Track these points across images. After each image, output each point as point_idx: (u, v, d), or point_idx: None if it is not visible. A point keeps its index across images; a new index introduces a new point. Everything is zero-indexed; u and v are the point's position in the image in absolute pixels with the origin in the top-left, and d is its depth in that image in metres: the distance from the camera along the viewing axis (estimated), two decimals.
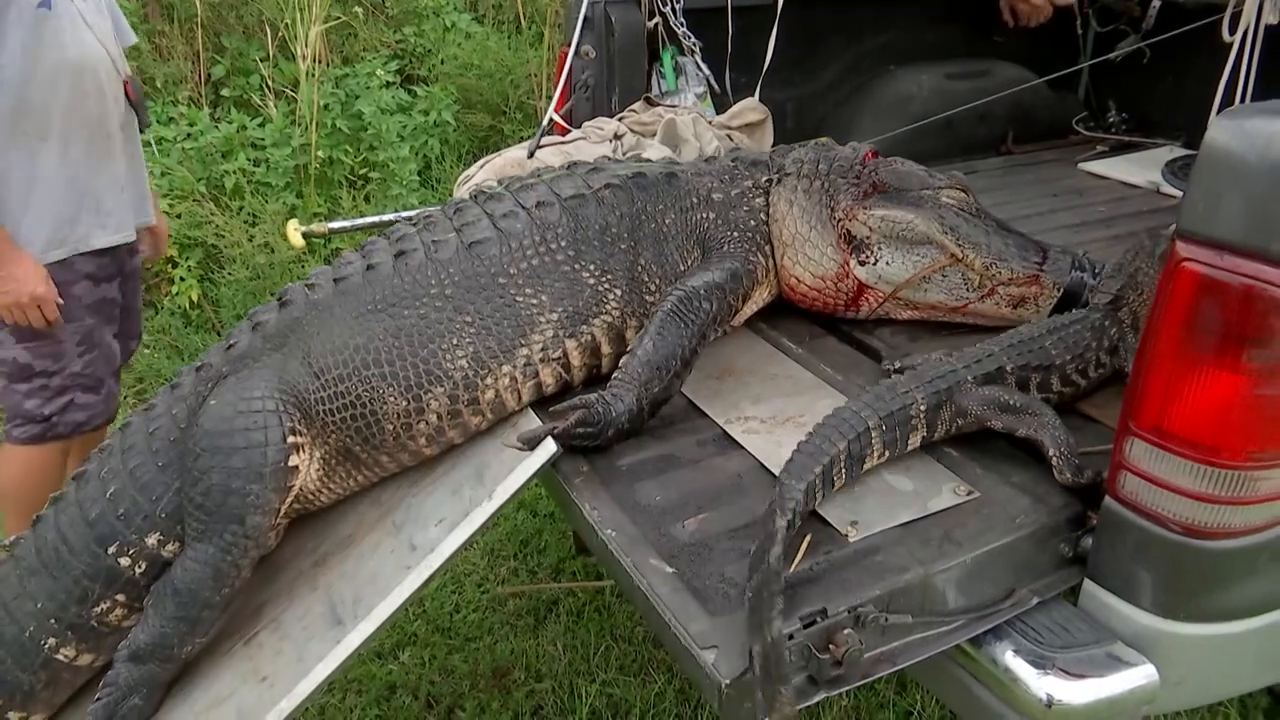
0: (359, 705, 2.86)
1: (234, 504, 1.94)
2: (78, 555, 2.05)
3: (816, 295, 2.35)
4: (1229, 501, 1.47)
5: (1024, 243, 2.26)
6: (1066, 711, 1.51)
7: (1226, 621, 1.58)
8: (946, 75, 3.73)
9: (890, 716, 2.71)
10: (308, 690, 1.82)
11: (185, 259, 5.07)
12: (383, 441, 2.07)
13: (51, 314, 2.71)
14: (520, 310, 2.08)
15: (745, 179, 2.37)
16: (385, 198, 5.49)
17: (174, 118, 5.50)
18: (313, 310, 2.09)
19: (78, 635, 2.08)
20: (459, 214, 2.20)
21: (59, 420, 2.85)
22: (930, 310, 2.32)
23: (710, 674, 1.43)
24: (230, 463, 1.95)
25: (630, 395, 1.97)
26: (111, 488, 2.06)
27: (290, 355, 2.06)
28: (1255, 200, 1.36)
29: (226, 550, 1.96)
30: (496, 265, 2.09)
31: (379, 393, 2.03)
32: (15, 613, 2.07)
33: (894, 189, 2.29)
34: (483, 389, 2.06)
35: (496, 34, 6.82)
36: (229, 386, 2.04)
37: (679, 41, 3.37)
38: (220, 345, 2.15)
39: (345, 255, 2.20)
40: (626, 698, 2.81)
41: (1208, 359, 1.43)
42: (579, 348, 2.13)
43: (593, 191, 2.21)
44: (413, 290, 2.06)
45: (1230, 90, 1.88)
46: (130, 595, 2.08)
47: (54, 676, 2.11)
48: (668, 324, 2.06)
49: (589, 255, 2.15)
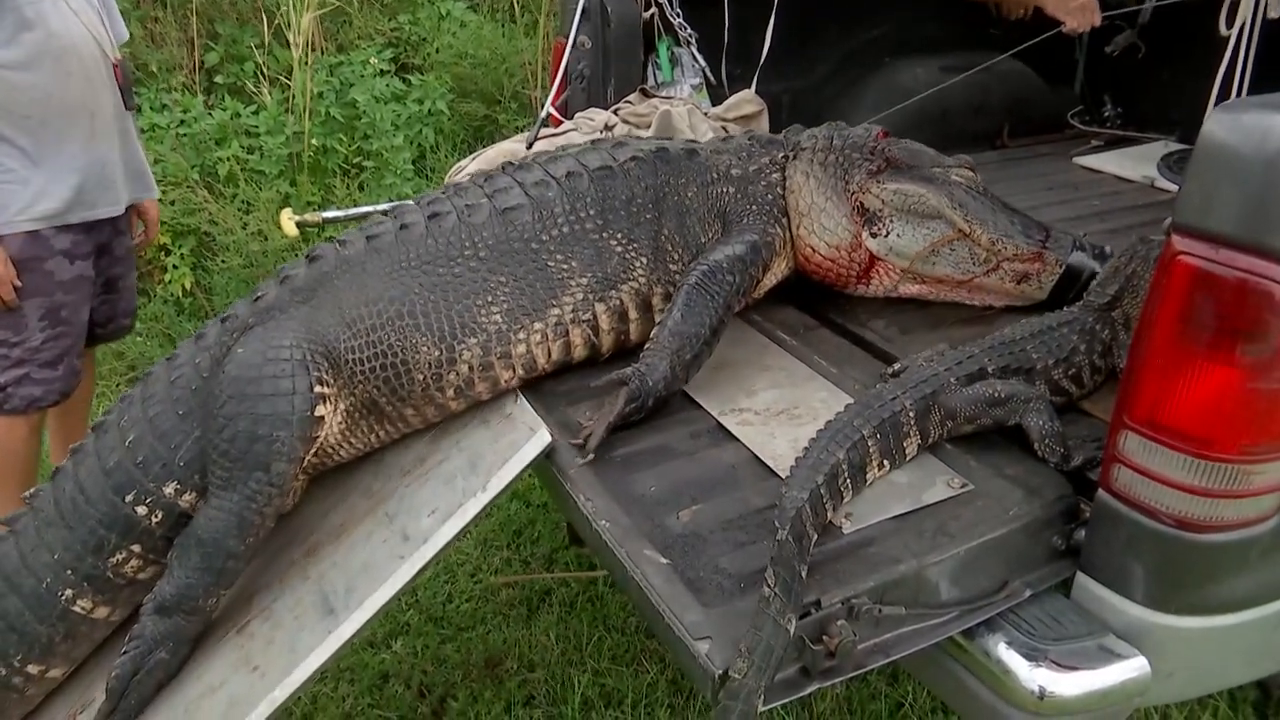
0: (351, 694, 2.86)
1: (260, 451, 1.95)
2: (95, 504, 2.05)
3: (830, 266, 2.40)
4: (1222, 495, 1.47)
5: (1028, 221, 2.34)
6: (1058, 703, 1.52)
7: (1218, 615, 1.59)
8: (942, 68, 3.72)
9: (882, 708, 2.72)
10: (300, 679, 1.82)
11: (178, 247, 5.05)
12: (410, 393, 2.10)
13: (8, 294, 2.73)
14: (552, 274, 2.15)
15: (762, 155, 2.44)
16: (379, 187, 5.47)
17: (167, 104, 5.47)
18: (343, 265, 2.13)
19: (94, 587, 2.08)
20: (489, 182, 2.26)
21: (13, 393, 2.86)
22: (937, 284, 2.38)
23: (703, 664, 1.44)
24: (257, 409, 1.96)
25: (664, 363, 2.04)
26: (130, 436, 2.07)
27: (319, 308, 2.09)
28: (1250, 194, 1.36)
29: (251, 499, 1.96)
30: (529, 231, 2.16)
31: (412, 342, 2.07)
32: (33, 565, 2.07)
33: (906, 165, 2.37)
34: (515, 342, 2.12)
35: (491, 23, 6.79)
36: (256, 336, 2.06)
37: (675, 33, 3.36)
38: (247, 298, 2.17)
39: (374, 218, 2.26)
40: (619, 687, 2.82)
41: (1201, 352, 1.43)
42: (608, 311, 2.20)
43: (619, 164, 2.29)
44: (446, 251, 2.12)
45: (1225, 84, 1.88)
46: (146, 546, 2.08)
47: (71, 629, 2.11)
48: (694, 295, 2.13)
49: (616, 224, 2.23)
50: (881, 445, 1.74)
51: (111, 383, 4.49)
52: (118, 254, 3.15)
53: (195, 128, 5.33)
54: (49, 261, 2.83)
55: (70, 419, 3.24)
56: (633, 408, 1.99)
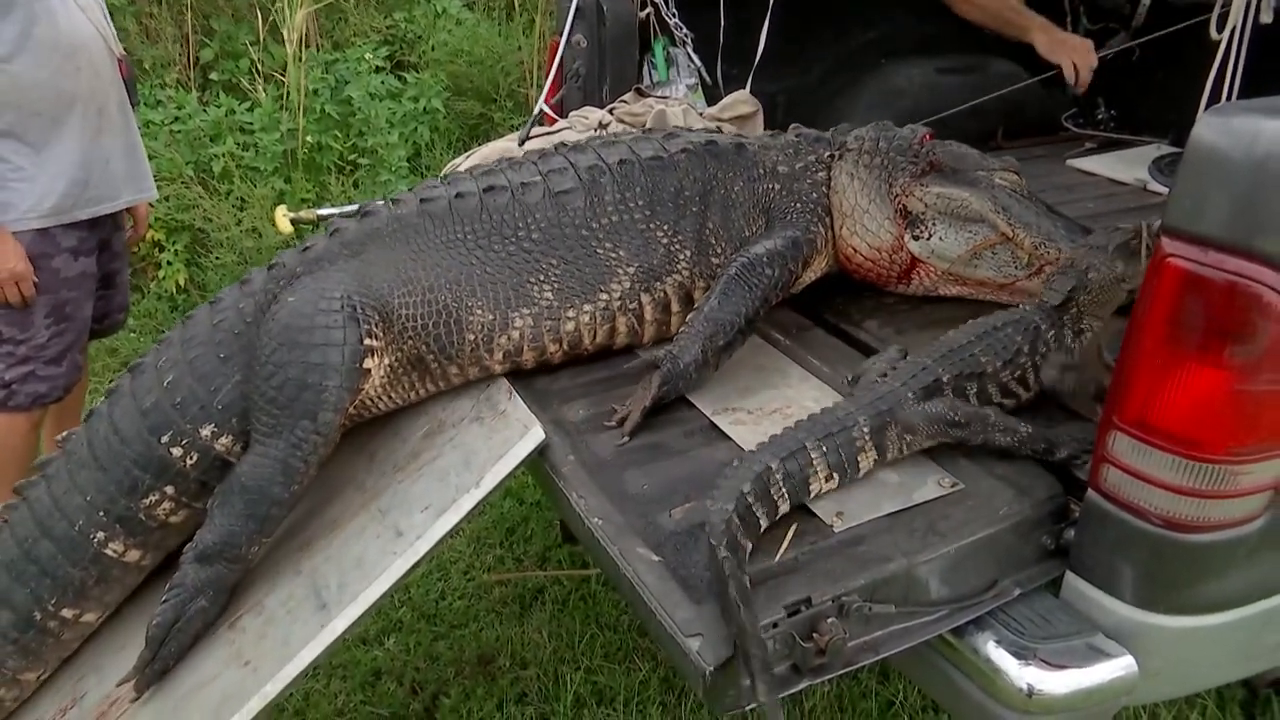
0: (344, 691, 2.86)
1: (309, 399, 1.96)
2: (130, 444, 2.05)
3: (871, 266, 2.42)
4: (1210, 495, 1.48)
5: (1071, 225, 2.33)
6: (1047, 701, 1.53)
7: (1205, 614, 1.60)
8: (937, 70, 3.73)
9: (872, 706, 2.73)
10: (292, 675, 1.82)
11: (172, 243, 5.05)
12: (459, 352, 2.14)
13: (28, 291, 2.74)
14: (600, 260, 2.20)
15: (809, 153, 2.45)
16: (374, 184, 5.47)
17: (161, 101, 5.46)
18: (396, 224, 2.16)
19: (126, 529, 2.08)
20: (544, 160, 2.29)
21: (19, 389, 2.85)
22: (978, 286, 2.38)
23: (695, 661, 1.44)
24: (308, 358, 1.97)
25: (696, 347, 2.07)
26: (169, 377, 2.07)
27: (371, 263, 2.11)
28: (1240, 197, 1.37)
29: (297, 446, 1.97)
30: (580, 218, 2.20)
31: (467, 305, 2.11)
32: (65, 507, 2.06)
33: (950, 168, 2.38)
34: (565, 320, 2.17)
35: (487, 20, 6.80)
36: (307, 285, 2.07)
37: (671, 32, 3.37)
38: (295, 249, 2.18)
39: (427, 181, 2.29)
40: (611, 685, 2.83)
41: (1191, 354, 1.44)
42: (652, 302, 2.24)
43: (669, 155, 2.31)
44: (499, 229, 2.16)
45: (1216, 88, 1.90)
46: (179, 489, 2.08)
47: (104, 573, 2.11)
48: (732, 286, 2.16)
49: (663, 216, 2.26)
50: (831, 460, 1.70)
51: (104, 378, 4.48)
52: (116, 249, 3.16)
53: (190, 124, 5.32)
54: (56, 259, 2.83)
55: (64, 415, 3.24)
56: (665, 390, 2.02)
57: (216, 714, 1.85)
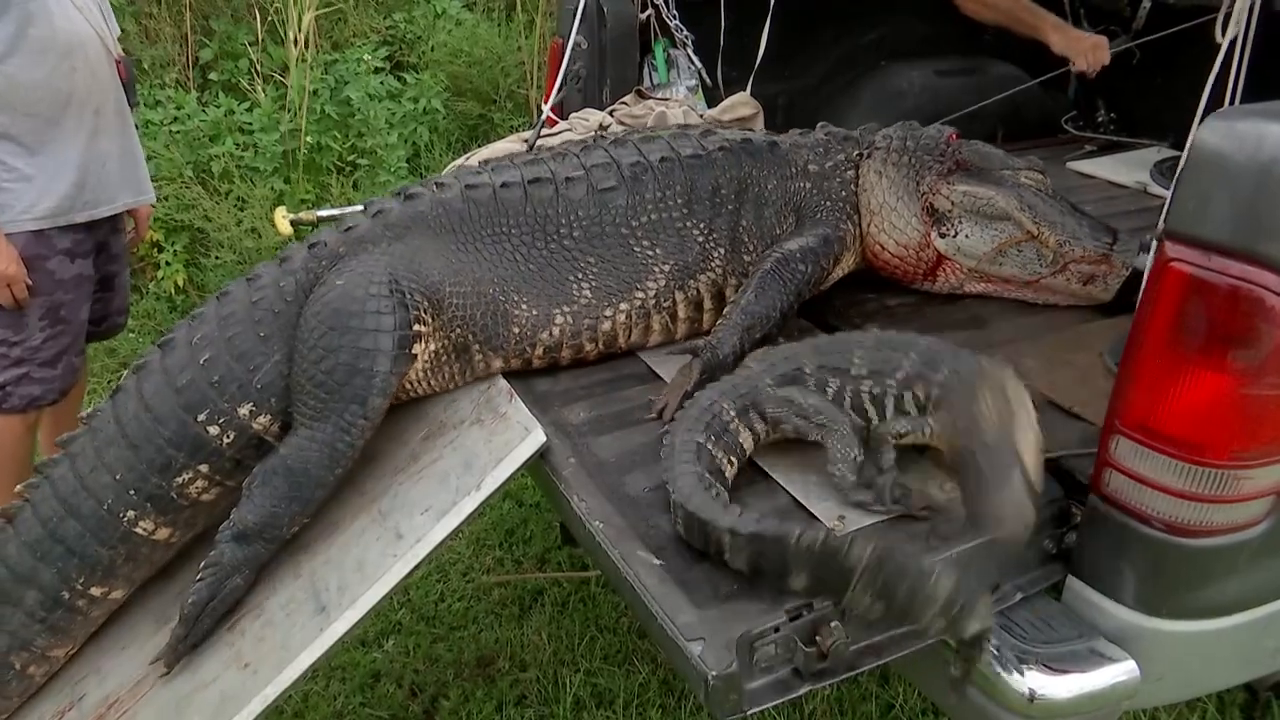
0: (343, 693, 2.86)
1: (359, 384, 1.96)
2: (164, 422, 2.03)
3: (898, 264, 2.45)
4: (1212, 500, 1.48)
5: (1096, 224, 2.38)
6: (1048, 706, 1.53)
7: (1207, 618, 1.60)
8: (937, 72, 3.73)
9: (873, 708, 2.73)
10: (292, 677, 1.81)
11: (171, 243, 5.04)
12: (503, 343, 2.16)
13: (21, 294, 2.72)
14: (638, 259, 2.23)
15: (838, 152, 2.49)
16: (373, 185, 5.47)
17: (161, 101, 5.45)
18: (441, 209, 2.16)
19: (157, 508, 2.06)
20: (586, 153, 2.30)
21: (13, 391, 2.84)
22: (1003, 283, 2.42)
23: (696, 665, 1.44)
24: (359, 342, 1.96)
25: (734, 338, 2.12)
26: (206, 354, 2.05)
27: (418, 247, 2.11)
28: (1243, 201, 1.37)
29: (345, 430, 1.97)
30: (620, 216, 2.23)
31: (513, 299, 2.14)
32: (92, 486, 2.04)
33: (976, 167, 2.42)
34: (601, 319, 2.21)
35: (487, 21, 6.80)
36: (353, 267, 2.06)
37: (671, 34, 3.37)
38: (336, 229, 2.17)
39: (471, 165, 2.30)
40: (611, 687, 2.82)
41: (1194, 358, 1.44)
42: (686, 300, 2.28)
43: (707, 153, 2.34)
44: (543, 224, 2.19)
45: (1215, 92, 1.89)
46: (214, 467, 2.07)
47: (133, 551, 2.09)
48: (767, 281, 2.21)
49: (700, 214, 2.29)
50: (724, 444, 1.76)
51: (103, 379, 4.48)
52: (114, 252, 3.14)
53: (189, 124, 5.31)
54: (51, 260, 2.82)
55: (62, 417, 3.23)
56: (705, 380, 2.04)
57: (216, 716, 1.84)
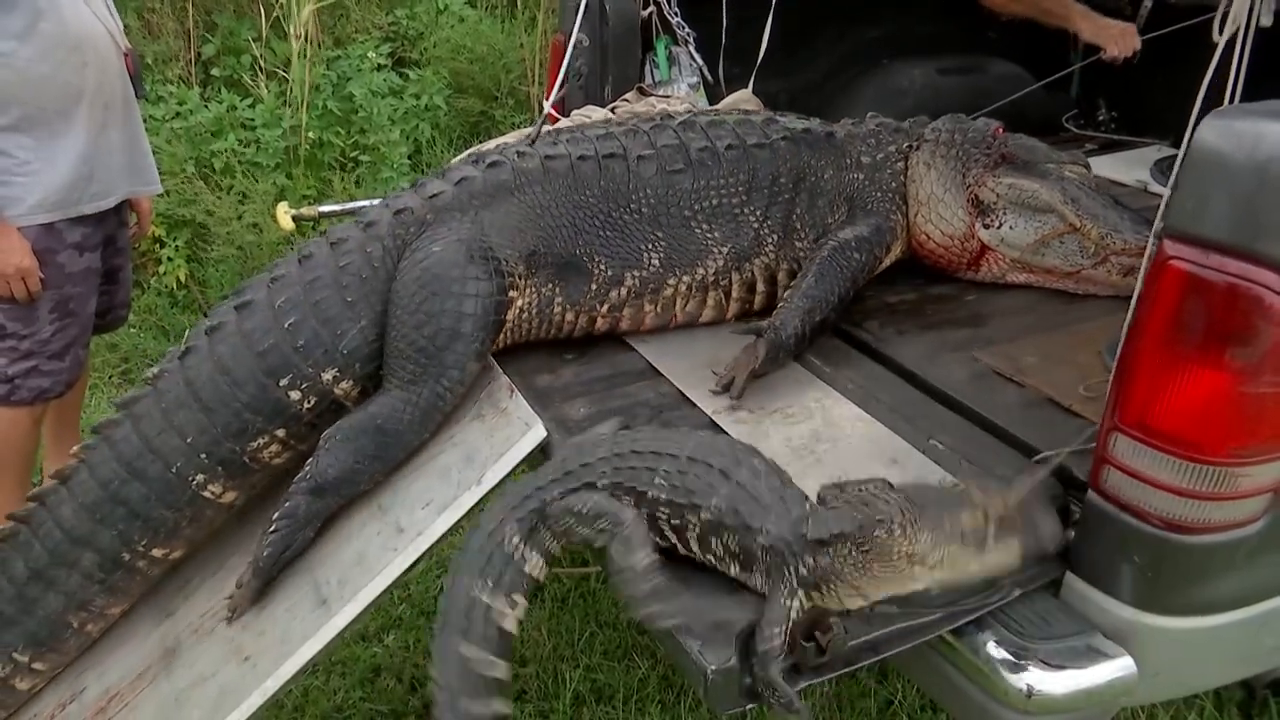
0: (343, 687, 2.86)
1: (460, 349, 2.01)
2: (242, 386, 2.03)
3: (942, 253, 2.51)
4: (1210, 497, 1.49)
5: (1138, 217, 2.41)
6: (1046, 702, 1.53)
7: (1204, 615, 1.61)
8: (939, 70, 3.74)
9: (871, 705, 2.73)
10: (291, 671, 1.83)
11: (173, 239, 5.04)
12: (579, 299, 2.24)
13: (35, 286, 2.73)
14: (698, 239, 2.31)
15: (890, 144, 2.55)
16: (375, 181, 5.46)
17: (163, 96, 5.45)
18: (523, 177, 2.23)
19: (228, 471, 2.07)
20: (657, 131, 2.36)
21: (22, 384, 2.84)
22: (1044, 274, 2.48)
23: (697, 661, 1.45)
24: (462, 308, 2.01)
25: (796, 320, 2.18)
26: (290, 319, 2.05)
27: (506, 212, 2.17)
28: (1241, 200, 1.38)
29: (441, 395, 2.02)
30: (685, 199, 2.31)
31: (593, 257, 2.23)
32: (160, 449, 2.03)
33: (1021, 160, 2.48)
34: (664, 286, 2.30)
35: (489, 18, 6.79)
36: (448, 235, 2.10)
37: (673, 31, 3.37)
38: (417, 192, 2.21)
39: (545, 137, 2.37)
40: (610, 683, 2.83)
41: (1192, 356, 1.45)
42: (740, 282, 2.37)
43: (771, 142, 2.40)
44: (615, 198, 2.26)
45: (1211, 91, 1.90)
46: (289, 432, 2.08)
47: (198, 514, 2.10)
48: (826, 267, 2.27)
49: (757, 200, 2.36)
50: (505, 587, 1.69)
51: (104, 374, 4.48)
52: (119, 245, 3.15)
53: (191, 120, 5.30)
54: (61, 254, 2.82)
55: (65, 411, 3.23)
56: (769, 359, 2.11)
57: (216, 709, 1.85)
